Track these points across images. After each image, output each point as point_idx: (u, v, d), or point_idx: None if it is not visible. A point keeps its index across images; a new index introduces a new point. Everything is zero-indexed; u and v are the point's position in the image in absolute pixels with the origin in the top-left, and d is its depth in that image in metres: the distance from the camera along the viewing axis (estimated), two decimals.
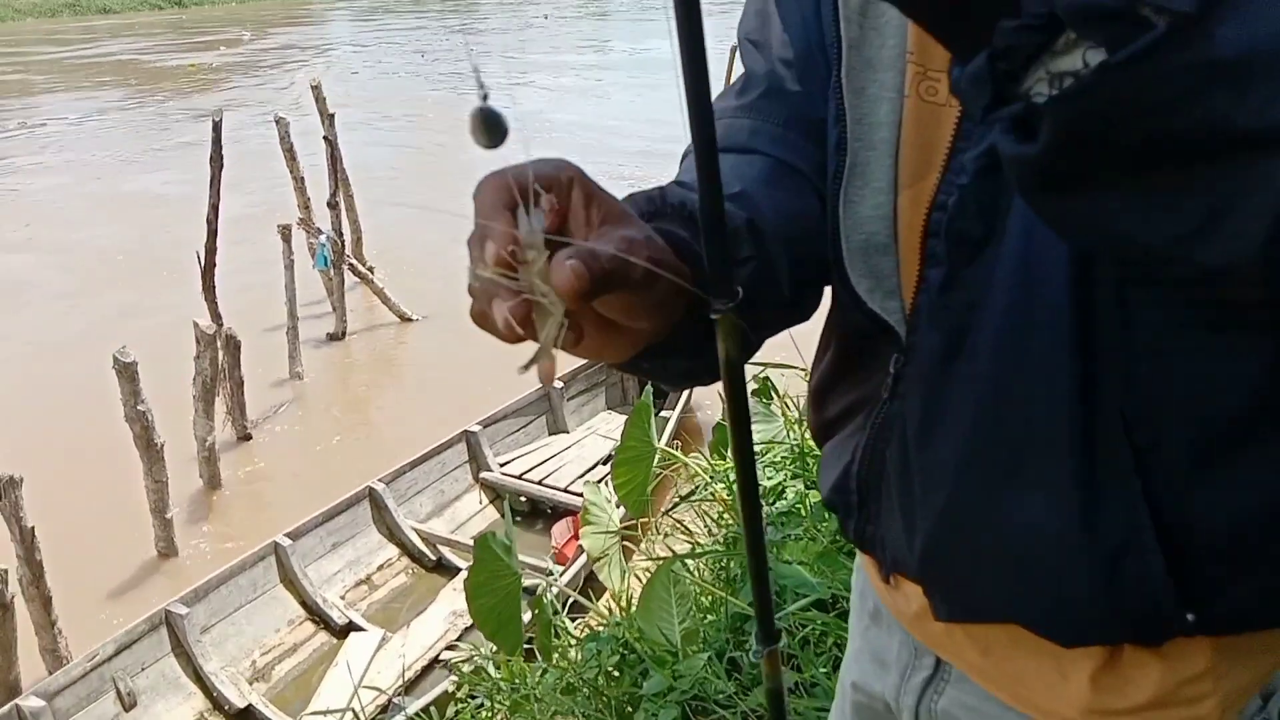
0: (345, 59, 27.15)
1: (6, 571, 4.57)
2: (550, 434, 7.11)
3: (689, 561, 3.16)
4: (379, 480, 6.00)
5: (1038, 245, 0.65)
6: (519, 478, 6.50)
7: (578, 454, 6.77)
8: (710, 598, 2.94)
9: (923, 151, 0.71)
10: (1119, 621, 0.70)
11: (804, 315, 0.79)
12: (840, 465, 0.86)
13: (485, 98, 0.51)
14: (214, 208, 7.28)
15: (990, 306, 0.68)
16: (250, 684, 5.00)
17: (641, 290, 0.54)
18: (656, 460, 3.18)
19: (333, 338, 9.15)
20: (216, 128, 7.20)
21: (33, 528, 4.77)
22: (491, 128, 0.51)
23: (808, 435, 3.39)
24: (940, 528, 0.76)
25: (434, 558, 5.92)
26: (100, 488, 6.54)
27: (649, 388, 4.03)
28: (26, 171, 15.62)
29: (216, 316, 7.27)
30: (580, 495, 4.51)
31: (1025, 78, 0.41)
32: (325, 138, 8.96)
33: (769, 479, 3.40)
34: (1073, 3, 0.37)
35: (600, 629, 3.13)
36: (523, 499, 6.40)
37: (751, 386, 3.81)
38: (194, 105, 19.88)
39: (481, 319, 0.54)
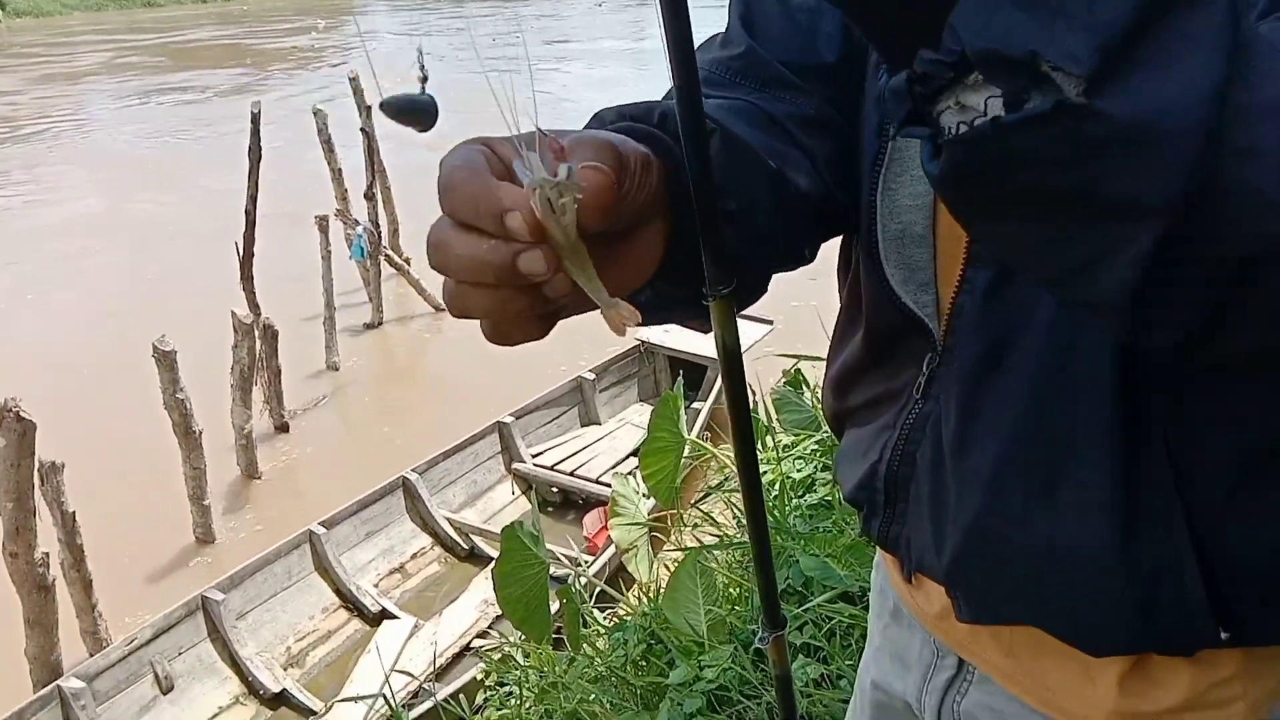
0: (390, 49, 27.36)
1: (48, 555, 4.66)
2: (583, 425, 7.12)
3: (716, 552, 3.16)
4: (412, 470, 6.05)
5: None
6: (551, 468, 6.52)
7: (610, 445, 6.78)
8: (737, 588, 2.94)
9: None
10: (1151, 636, 0.70)
11: (795, 256, 0.74)
12: (867, 462, 0.84)
13: (424, 80, 0.50)
14: (252, 199, 7.35)
15: (1035, 318, 0.67)
16: (284, 669, 5.06)
17: (641, 190, 0.53)
18: (686, 452, 3.18)
19: (369, 327, 9.23)
20: (255, 119, 7.26)
21: (74, 512, 4.85)
22: (406, 113, 0.50)
23: None
24: (971, 538, 0.75)
25: (466, 547, 5.96)
26: (140, 474, 6.65)
27: (680, 379, 4.03)
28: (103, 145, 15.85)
29: (254, 306, 7.35)
30: (610, 486, 4.52)
31: (939, 100, 0.43)
32: (362, 129, 9.03)
33: (798, 471, 3.39)
34: (978, 48, 0.39)
35: (628, 617, 3.14)
36: (555, 489, 6.43)
37: (781, 380, 3.79)
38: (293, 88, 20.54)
39: (479, 307, 0.49)
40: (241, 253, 7.40)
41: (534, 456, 6.64)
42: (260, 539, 6.02)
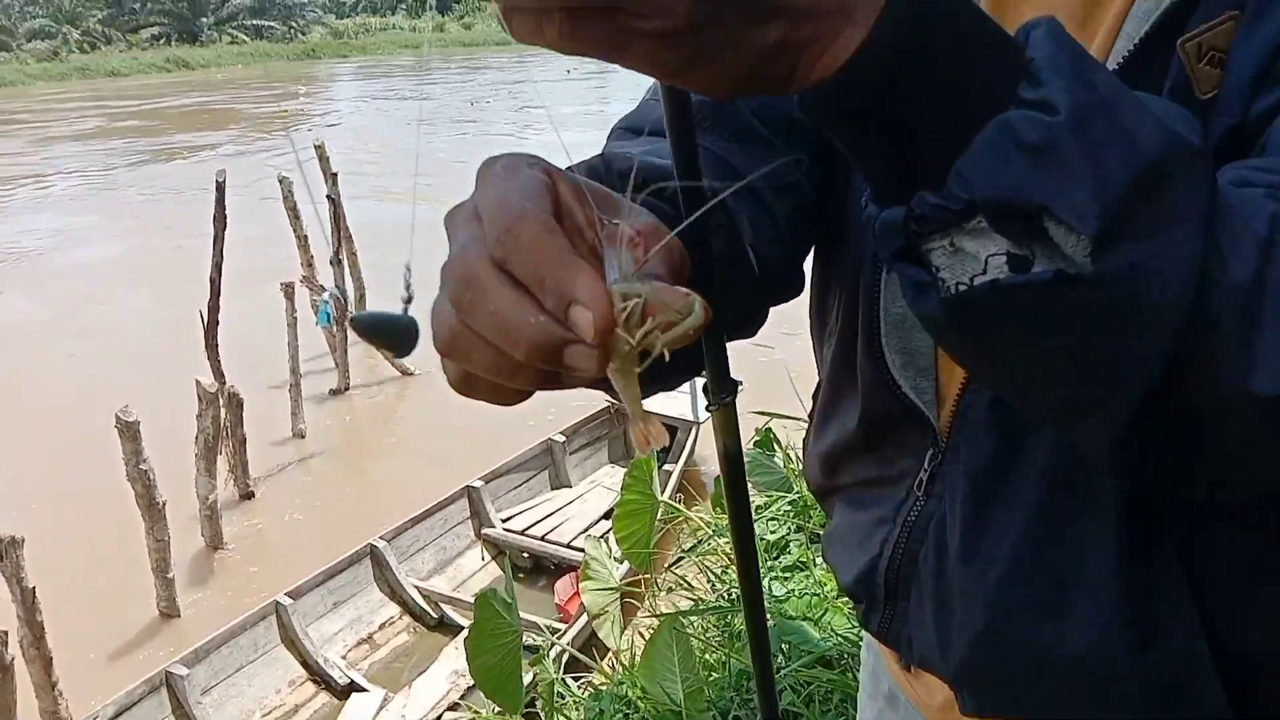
0: (358, 117, 27.58)
1: (7, 634, 4.52)
2: (553, 488, 7.07)
3: (692, 618, 3.13)
4: (380, 538, 5.96)
5: None
6: (521, 533, 6.45)
7: (580, 508, 6.73)
8: (714, 655, 2.90)
9: None
10: None
11: (739, 326, 0.73)
12: (865, 555, 0.83)
13: (408, 301, 0.46)
14: (217, 266, 7.31)
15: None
16: None
17: None
18: (659, 514, 3.16)
19: (335, 393, 9.15)
20: (220, 188, 7.25)
21: (34, 588, 4.73)
22: (379, 335, 0.45)
23: None
24: (979, 645, 0.74)
25: (436, 616, 5.86)
26: (102, 547, 6.50)
27: None
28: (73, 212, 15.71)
29: (219, 374, 7.27)
30: (583, 550, 4.48)
31: (932, 239, 0.44)
32: (328, 196, 9.03)
33: (771, 533, 3.37)
34: (989, 196, 0.40)
35: (603, 687, 3.09)
36: (525, 555, 6.35)
37: (751, 440, 3.80)
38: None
39: (481, 362, 0.44)
40: (206, 320, 7.34)
41: (504, 521, 6.57)
42: (225, 611, 5.89)
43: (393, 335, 0.45)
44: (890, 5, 0.39)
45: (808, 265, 0.81)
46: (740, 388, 0.59)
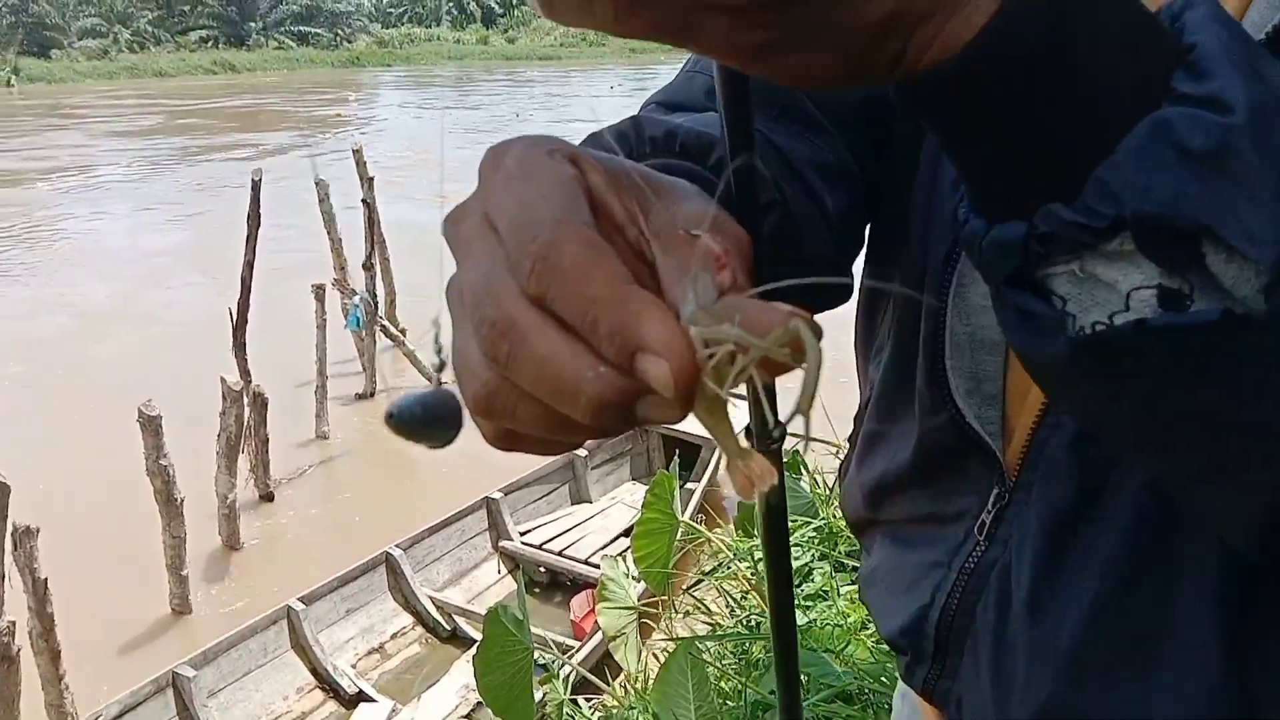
0: (399, 124, 28.06)
1: (14, 624, 4.49)
2: (573, 503, 7.00)
3: (709, 643, 3.03)
4: (396, 546, 5.91)
5: None
6: (539, 547, 6.38)
7: (601, 524, 6.65)
8: (730, 683, 2.81)
9: None
10: None
11: (830, 292, 0.63)
12: (913, 602, 0.74)
13: (440, 367, 0.38)
14: (249, 264, 7.32)
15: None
16: None
17: None
18: (679, 535, 3.07)
19: (361, 397, 9.15)
20: (255, 187, 7.26)
21: (46, 579, 4.70)
22: (422, 429, 0.37)
23: (837, 513, 3.27)
24: (1045, 716, 0.65)
25: (449, 628, 5.79)
26: (118, 541, 6.49)
27: (676, 459, 3.93)
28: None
29: (245, 373, 7.26)
30: (599, 567, 4.40)
31: (1055, 263, 0.36)
32: (364, 200, 9.05)
33: (795, 559, 3.27)
34: (1143, 212, 0.33)
35: (614, 710, 3.00)
36: (542, 569, 6.28)
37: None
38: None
39: (527, 419, 0.35)
40: (235, 318, 7.34)
41: (522, 534, 6.50)
42: (238, 612, 5.85)
43: (436, 424, 0.37)
44: None
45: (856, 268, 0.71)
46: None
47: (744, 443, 0.37)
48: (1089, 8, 0.33)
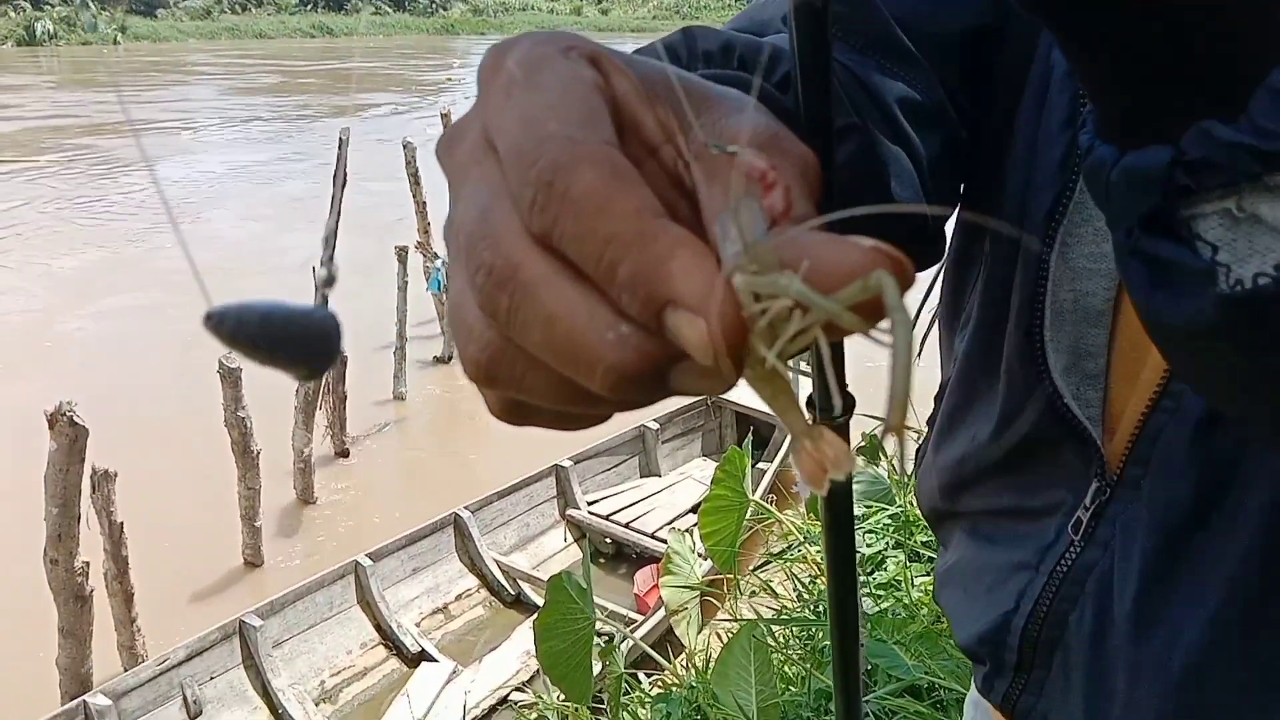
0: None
1: (88, 565, 4.59)
2: (642, 476, 6.95)
3: (774, 627, 2.94)
4: (465, 508, 5.92)
5: None
6: (606, 518, 6.35)
7: (669, 499, 6.59)
8: (794, 669, 2.71)
9: None
10: None
11: (920, 252, 0.53)
12: (995, 608, 0.66)
13: (328, 284, 0.30)
14: (333, 223, 7.36)
15: (1266, 460, 0.50)
16: (316, 704, 4.92)
17: None
18: (748, 514, 2.98)
19: (439, 361, 9.20)
20: (342, 145, 7.29)
21: (122, 523, 4.79)
22: (264, 350, 0.27)
23: (913, 502, 3.14)
24: None
25: (513, 592, 5.80)
26: (194, 490, 6.62)
27: (749, 436, 3.84)
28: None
29: None
30: (666, 542, 4.34)
31: (1205, 201, 0.28)
32: None
33: (868, 545, 3.16)
34: None
35: (674, 688, 2.93)
36: (608, 540, 6.25)
37: (860, 444, 3.58)
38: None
39: (536, 388, 0.28)
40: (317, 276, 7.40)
41: (590, 504, 6.48)
42: (308, 566, 5.92)
43: (285, 346, 0.27)
44: None
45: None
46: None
47: (809, 417, 0.29)
48: None
